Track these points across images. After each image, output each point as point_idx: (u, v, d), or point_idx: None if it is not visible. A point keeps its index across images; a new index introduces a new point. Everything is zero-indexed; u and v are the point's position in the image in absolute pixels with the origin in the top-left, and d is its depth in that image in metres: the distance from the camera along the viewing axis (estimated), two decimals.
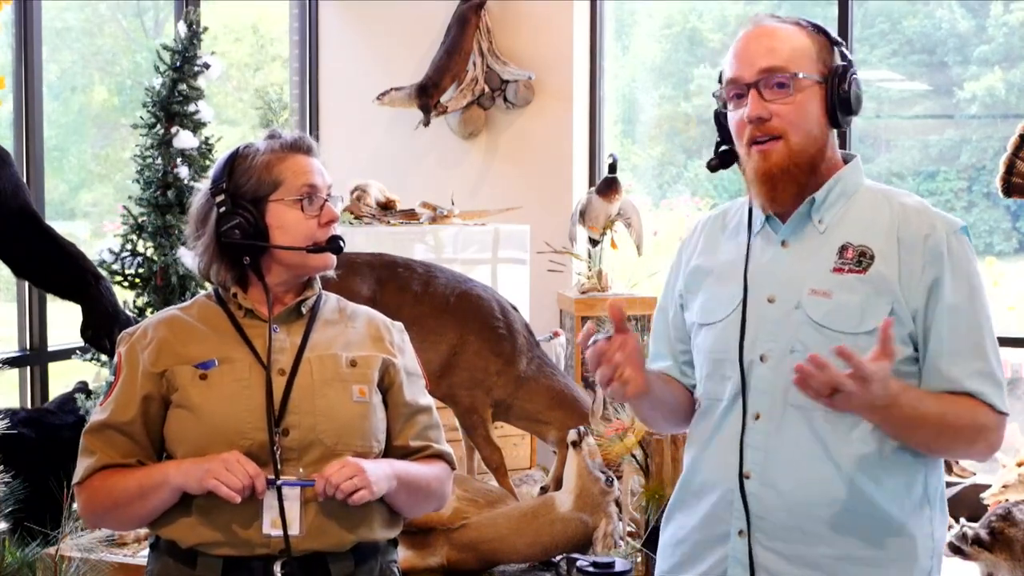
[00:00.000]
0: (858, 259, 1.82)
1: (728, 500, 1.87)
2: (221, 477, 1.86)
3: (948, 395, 1.80)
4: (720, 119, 1.93)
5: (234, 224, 2.00)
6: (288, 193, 2.00)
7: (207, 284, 3.68)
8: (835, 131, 1.91)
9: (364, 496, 1.91)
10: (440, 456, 2.11)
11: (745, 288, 1.88)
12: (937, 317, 1.80)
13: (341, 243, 2.04)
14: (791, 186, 1.85)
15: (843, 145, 5.05)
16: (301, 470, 1.94)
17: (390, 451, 2.08)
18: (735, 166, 1.94)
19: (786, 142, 1.83)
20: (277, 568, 1.92)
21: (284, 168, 2.01)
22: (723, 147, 1.93)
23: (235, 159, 2.04)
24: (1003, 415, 1.82)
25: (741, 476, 1.84)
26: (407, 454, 2.08)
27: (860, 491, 1.80)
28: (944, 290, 1.80)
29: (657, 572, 2.03)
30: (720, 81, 1.92)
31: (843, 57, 1.88)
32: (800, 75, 1.83)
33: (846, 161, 1.93)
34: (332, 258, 2.05)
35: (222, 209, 2.01)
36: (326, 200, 2.03)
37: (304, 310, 2.06)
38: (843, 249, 1.84)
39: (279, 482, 1.91)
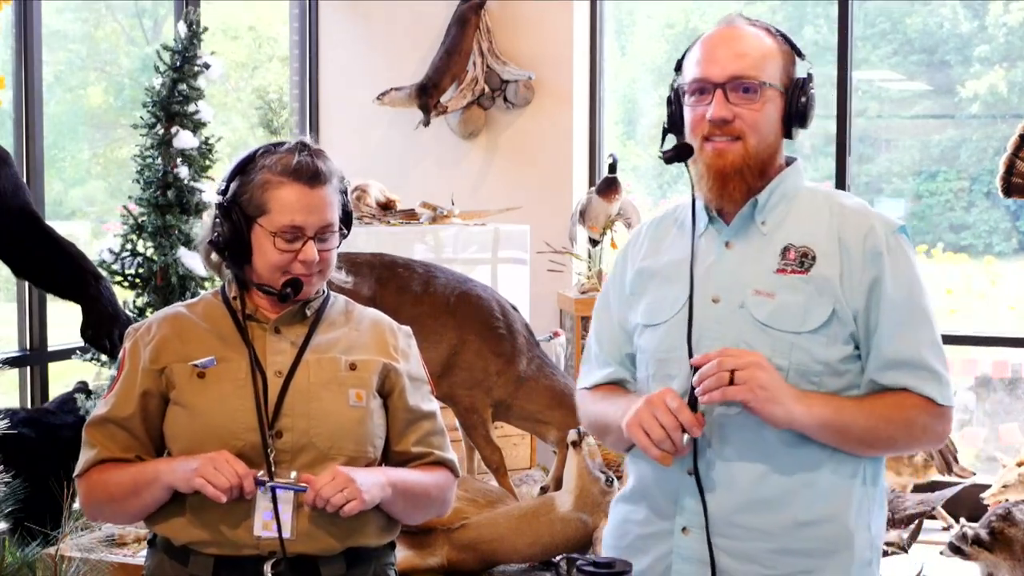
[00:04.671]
0: (800, 260, 1.88)
1: (672, 497, 1.92)
2: (208, 476, 1.86)
3: (879, 394, 1.86)
4: (673, 108, 1.96)
5: (217, 235, 2.00)
6: (270, 224, 1.95)
7: (207, 284, 3.72)
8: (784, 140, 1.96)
9: (354, 508, 1.90)
10: (442, 463, 2.10)
11: (691, 289, 1.91)
12: (881, 314, 1.86)
13: (288, 292, 1.96)
14: (741, 186, 1.91)
15: (842, 144, 5.05)
16: (294, 473, 1.93)
17: (390, 456, 2.07)
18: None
19: (744, 144, 1.89)
20: (267, 568, 1.92)
21: (273, 197, 1.95)
22: (680, 141, 1.96)
23: (247, 164, 2.01)
24: (943, 407, 1.87)
25: (689, 474, 1.88)
26: (408, 460, 2.07)
27: (797, 485, 1.86)
28: (885, 288, 1.85)
29: None
30: (678, 70, 1.97)
31: (803, 70, 1.94)
32: (767, 84, 1.88)
33: (788, 164, 1.99)
34: (304, 291, 1.99)
35: (216, 216, 2.01)
36: (310, 239, 1.96)
37: (309, 312, 2.05)
38: (785, 250, 1.90)
39: (270, 484, 1.90)
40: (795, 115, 1.92)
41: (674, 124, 1.96)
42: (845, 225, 1.89)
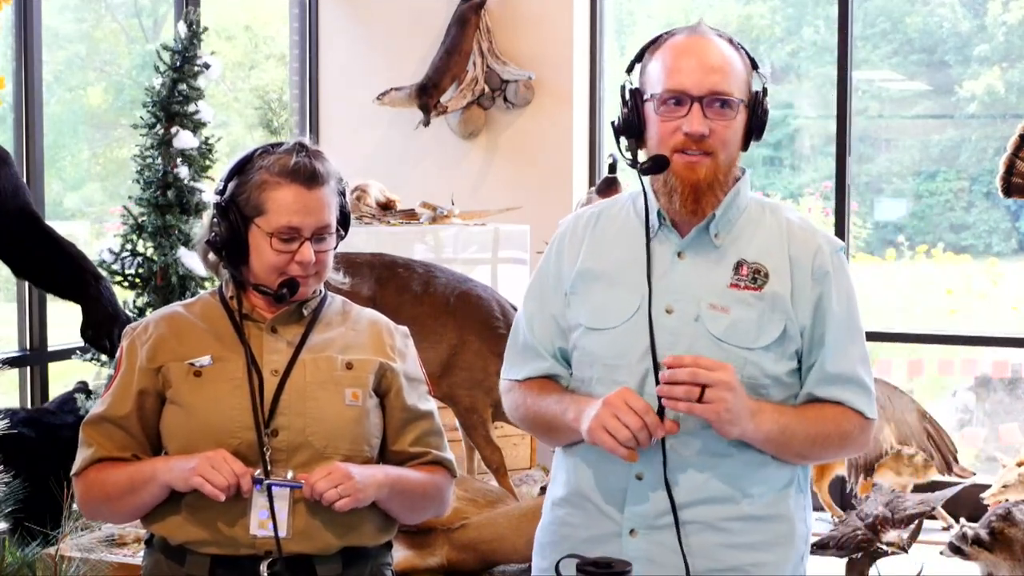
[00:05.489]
0: (753, 276, 1.91)
1: (618, 500, 1.92)
2: (206, 475, 1.86)
3: (815, 405, 1.93)
4: (629, 111, 1.93)
5: (215, 234, 2.00)
6: (267, 225, 1.95)
7: (207, 284, 3.72)
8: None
9: (349, 504, 1.90)
10: (440, 463, 2.09)
11: (650, 297, 1.90)
12: (826, 331, 1.92)
13: (284, 292, 1.97)
14: (713, 200, 1.92)
15: (842, 144, 5.05)
16: (291, 472, 1.93)
17: (387, 456, 2.07)
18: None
19: (714, 159, 1.89)
20: (263, 568, 1.92)
21: (270, 197, 1.95)
22: (631, 142, 1.95)
23: (244, 164, 2.00)
24: (869, 420, 1.96)
25: (638, 479, 1.90)
26: (405, 460, 2.07)
27: (745, 481, 1.91)
28: (831, 306, 1.92)
29: (536, 570, 2.07)
30: (629, 71, 1.95)
31: (759, 83, 1.96)
32: (741, 101, 1.90)
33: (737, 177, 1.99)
34: (300, 291, 2.00)
35: (213, 216, 2.01)
36: (307, 240, 1.96)
37: (306, 312, 2.05)
38: (738, 266, 1.92)
39: (267, 481, 1.90)
40: (755, 128, 1.94)
41: (631, 127, 1.94)
42: (793, 242, 1.94)
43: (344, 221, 2.05)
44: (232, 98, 7.21)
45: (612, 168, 4.27)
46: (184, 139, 3.74)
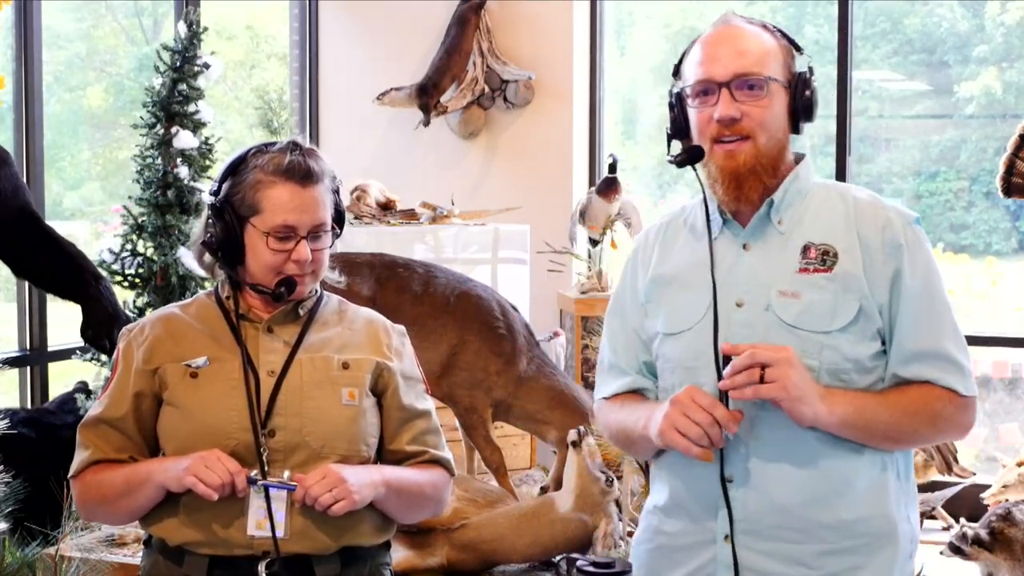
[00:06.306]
0: (822, 258, 1.86)
1: (712, 507, 1.88)
2: (199, 474, 1.86)
3: (900, 387, 1.85)
4: (676, 113, 1.94)
5: (211, 235, 2.00)
6: (262, 224, 1.96)
7: (207, 284, 3.73)
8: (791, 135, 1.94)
9: (344, 507, 1.90)
10: (438, 462, 2.09)
11: (715, 294, 1.87)
12: (901, 307, 1.85)
13: (282, 291, 1.97)
14: (757, 185, 1.88)
15: (842, 144, 5.04)
16: (287, 472, 1.93)
17: (384, 455, 2.07)
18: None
19: (754, 143, 1.87)
20: (261, 568, 1.93)
21: (266, 196, 1.96)
22: (686, 144, 1.93)
23: (239, 164, 2.01)
24: (966, 398, 1.85)
25: (723, 481, 1.86)
26: (402, 459, 2.07)
27: (838, 483, 1.84)
28: (905, 280, 1.85)
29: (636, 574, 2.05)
30: (676, 74, 1.95)
31: (803, 64, 1.93)
32: (771, 79, 1.87)
33: (797, 161, 1.96)
34: (297, 290, 2.00)
35: (208, 217, 2.01)
36: (303, 239, 1.96)
37: (302, 311, 2.05)
38: (806, 249, 1.88)
39: (260, 482, 1.90)
40: (801, 109, 1.90)
41: (678, 128, 1.94)
42: (861, 219, 1.88)
43: (339, 219, 2.05)
44: (232, 98, 7.20)
45: (612, 168, 4.27)
46: (184, 139, 3.75)
